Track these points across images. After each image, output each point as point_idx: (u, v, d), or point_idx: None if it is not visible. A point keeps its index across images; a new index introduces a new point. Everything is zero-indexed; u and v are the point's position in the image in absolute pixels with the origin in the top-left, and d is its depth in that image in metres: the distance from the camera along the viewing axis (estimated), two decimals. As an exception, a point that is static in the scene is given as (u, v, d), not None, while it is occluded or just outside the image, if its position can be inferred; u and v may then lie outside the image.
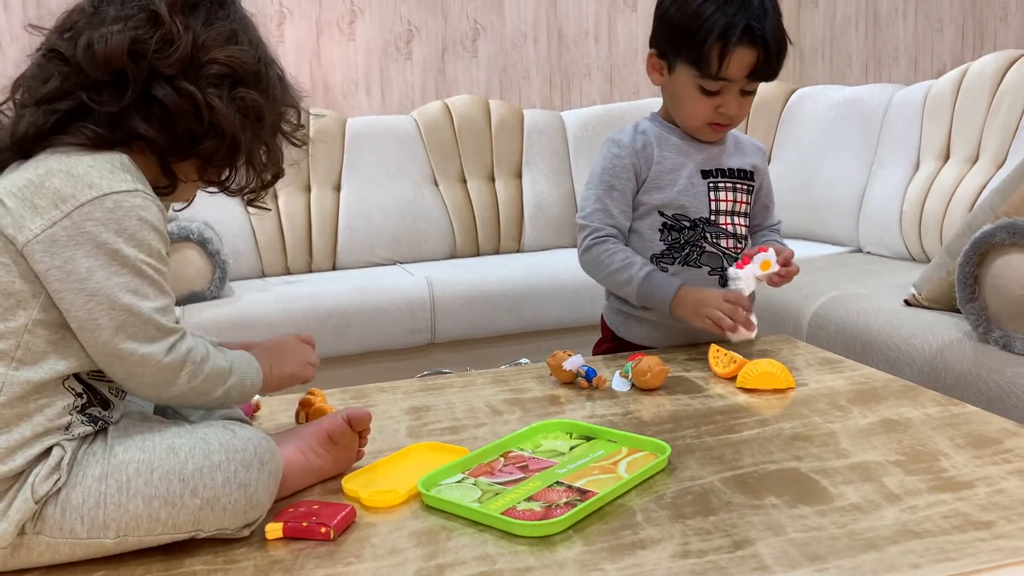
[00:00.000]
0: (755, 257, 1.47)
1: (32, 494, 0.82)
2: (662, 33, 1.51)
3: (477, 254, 3.23)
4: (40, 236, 0.83)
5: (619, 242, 1.56)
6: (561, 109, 3.79)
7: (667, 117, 1.60)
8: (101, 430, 0.89)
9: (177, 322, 0.90)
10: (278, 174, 1.02)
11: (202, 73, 0.90)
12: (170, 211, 2.92)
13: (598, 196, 1.56)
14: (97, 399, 0.89)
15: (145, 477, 0.84)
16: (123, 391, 0.93)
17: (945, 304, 1.94)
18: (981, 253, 1.70)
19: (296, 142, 1.02)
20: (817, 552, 0.83)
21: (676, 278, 1.52)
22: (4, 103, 0.93)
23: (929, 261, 2.49)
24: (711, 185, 1.56)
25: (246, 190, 1.00)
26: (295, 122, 1.02)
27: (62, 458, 0.84)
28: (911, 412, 1.19)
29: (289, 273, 3.03)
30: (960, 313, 1.81)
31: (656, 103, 1.62)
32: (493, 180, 3.29)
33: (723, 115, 1.50)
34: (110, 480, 0.84)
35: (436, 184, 3.22)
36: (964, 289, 1.73)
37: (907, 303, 2.04)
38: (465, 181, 3.26)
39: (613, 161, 1.56)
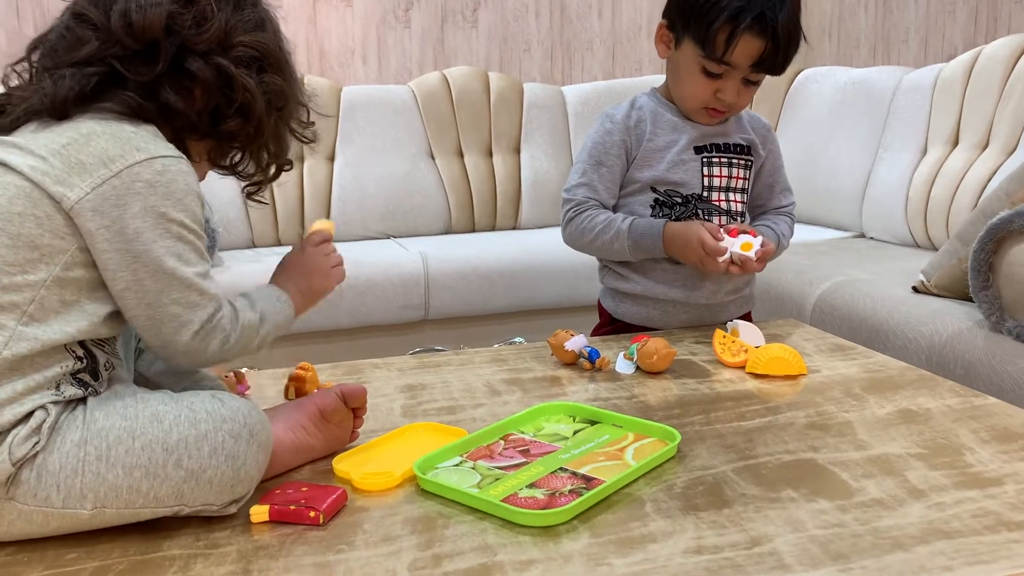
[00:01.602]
0: (741, 235, 1.42)
1: (9, 455, 0.78)
2: (674, 5, 1.47)
3: (473, 230, 3.16)
4: (90, 195, 0.82)
5: (602, 208, 1.52)
6: (562, 84, 3.71)
7: (666, 94, 1.56)
8: (84, 398, 0.85)
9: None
10: (282, 166, 1.02)
11: (231, 54, 0.91)
12: None
13: (584, 171, 1.53)
14: (92, 365, 0.86)
15: (127, 445, 0.80)
16: (112, 367, 0.89)
17: (956, 292, 1.89)
18: (997, 240, 1.65)
19: (304, 139, 1.03)
20: (840, 550, 0.78)
21: (658, 220, 1.48)
22: (18, 63, 0.93)
23: (934, 248, 2.45)
24: (704, 160, 1.52)
25: (251, 180, 1.02)
26: (304, 120, 1.03)
27: (44, 421, 0.80)
28: (930, 403, 1.14)
29: (280, 244, 2.96)
30: (971, 301, 1.76)
31: (659, 80, 1.57)
32: (491, 155, 3.22)
33: (720, 101, 1.46)
34: (89, 447, 0.80)
35: (432, 157, 3.15)
36: (978, 277, 1.68)
37: (915, 290, 1.99)
38: (462, 155, 3.19)
39: (604, 137, 1.52)
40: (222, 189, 2.84)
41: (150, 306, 0.85)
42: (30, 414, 0.80)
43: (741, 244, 1.41)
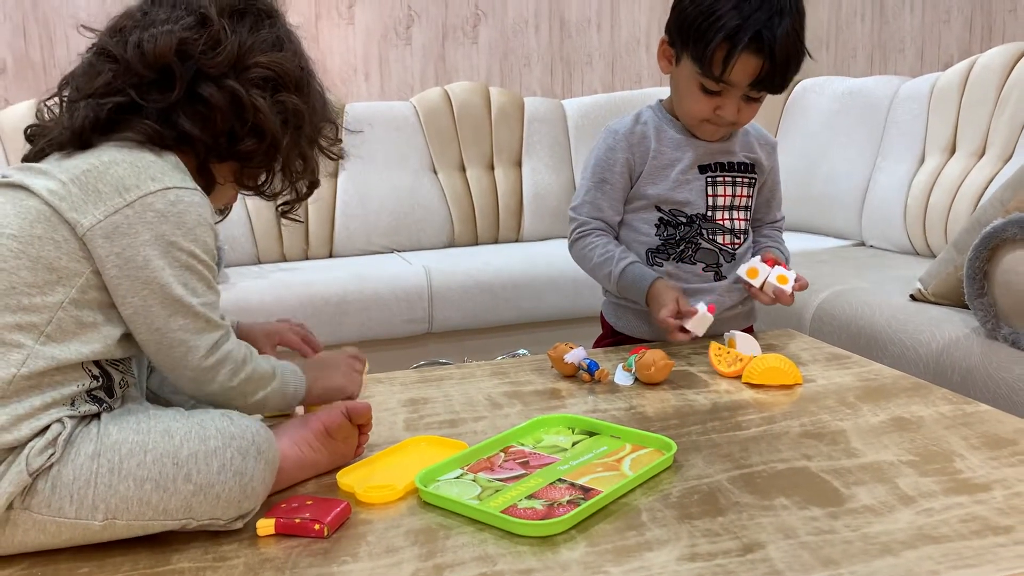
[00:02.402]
0: (777, 267, 1.46)
1: (27, 466, 0.81)
2: (674, 23, 1.47)
3: (475, 243, 3.19)
4: (103, 223, 0.85)
5: (604, 235, 1.55)
6: (562, 97, 3.74)
7: (671, 108, 1.56)
8: (99, 413, 0.88)
9: (223, 317, 0.93)
10: (313, 184, 1.05)
11: (246, 75, 0.93)
12: None
13: (589, 188, 1.55)
14: (106, 384, 0.89)
15: (138, 458, 0.83)
16: (127, 385, 0.93)
17: (952, 300, 1.91)
18: (991, 248, 1.67)
19: (332, 155, 1.06)
20: (831, 556, 0.80)
21: (651, 271, 1.50)
22: (51, 99, 0.96)
23: (933, 256, 2.47)
24: (709, 180, 1.53)
25: (280, 199, 1.04)
26: (332, 137, 1.05)
27: (59, 434, 0.83)
28: (923, 410, 1.16)
29: (285, 260, 2.99)
30: (968, 309, 1.78)
31: (659, 92, 1.59)
32: (492, 168, 3.25)
33: (720, 117, 1.46)
34: (102, 459, 0.82)
35: (435, 172, 3.18)
36: (973, 284, 1.70)
37: (913, 298, 2.01)
38: (464, 169, 3.22)
39: (607, 153, 1.54)
40: (227, 206, 2.88)
41: (158, 331, 0.89)
42: (47, 427, 0.83)
43: (777, 276, 1.44)
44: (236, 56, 0.93)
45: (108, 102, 0.91)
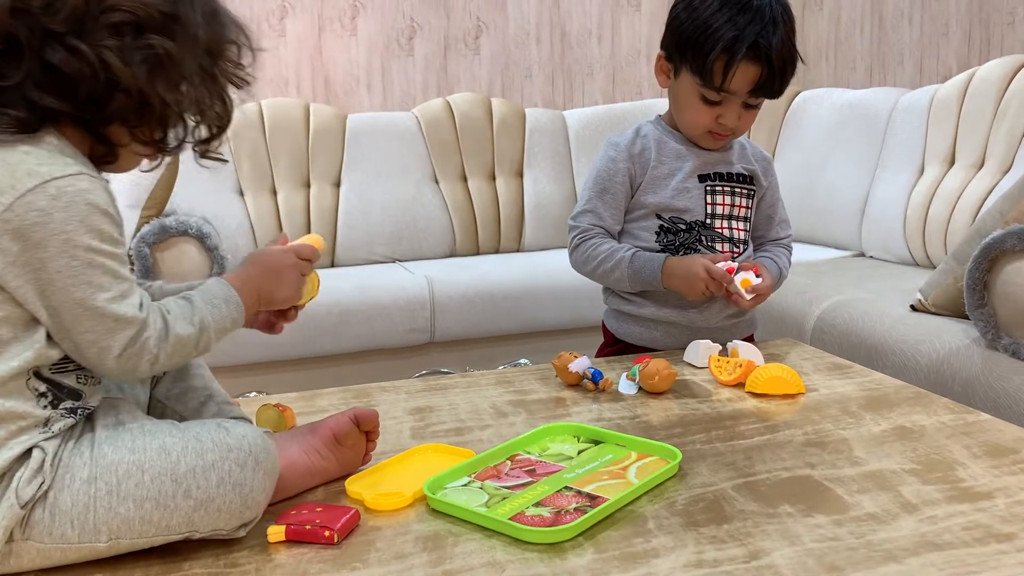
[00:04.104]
0: (739, 272, 1.47)
1: (17, 499, 0.79)
2: (671, 38, 1.51)
3: (477, 253, 3.20)
4: None
5: (607, 238, 1.56)
6: (563, 108, 3.76)
7: (670, 121, 1.60)
8: (86, 427, 0.86)
9: (141, 306, 0.84)
10: (223, 119, 0.92)
11: (99, 24, 0.81)
12: (170, 205, 2.77)
13: (590, 198, 1.57)
14: (64, 392, 0.85)
15: (136, 479, 0.82)
16: (91, 377, 0.88)
17: (952, 310, 1.92)
18: (991, 259, 1.68)
19: (237, 82, 0.93)
20: (835, 563, 0.81)
21: (660, 254, 1.52)
22: None
23: (933, 266, 2.48)
24: (708, 188, 1.56)
25: (194, 142, 0.92)
26: (234, 60, 0.92)
27: (43, 460, 0.81)
28: (924, 420, 1.17)
29: (287, 270, 3.00)
30: (968, 319, 1.79)
31: (659, 103, 1.62)
32: (494, 179, 3.26)
33: (722, 126, 1.50)
34: (99, 483, 0.81)
35: (436, 182, 3.19)
36: (973, 295, 1.71)
37: (913, 308, 2.02)
38: (466, 179, 3.23)
39: (608, 164, 1.56)
40: (229, 216, 2.89)
41: (69, 332, 0.82)
42: (28, 454, 0.81)
43: (741, 280, 1.46)
44: (83, 6, 0.80)
45: None
